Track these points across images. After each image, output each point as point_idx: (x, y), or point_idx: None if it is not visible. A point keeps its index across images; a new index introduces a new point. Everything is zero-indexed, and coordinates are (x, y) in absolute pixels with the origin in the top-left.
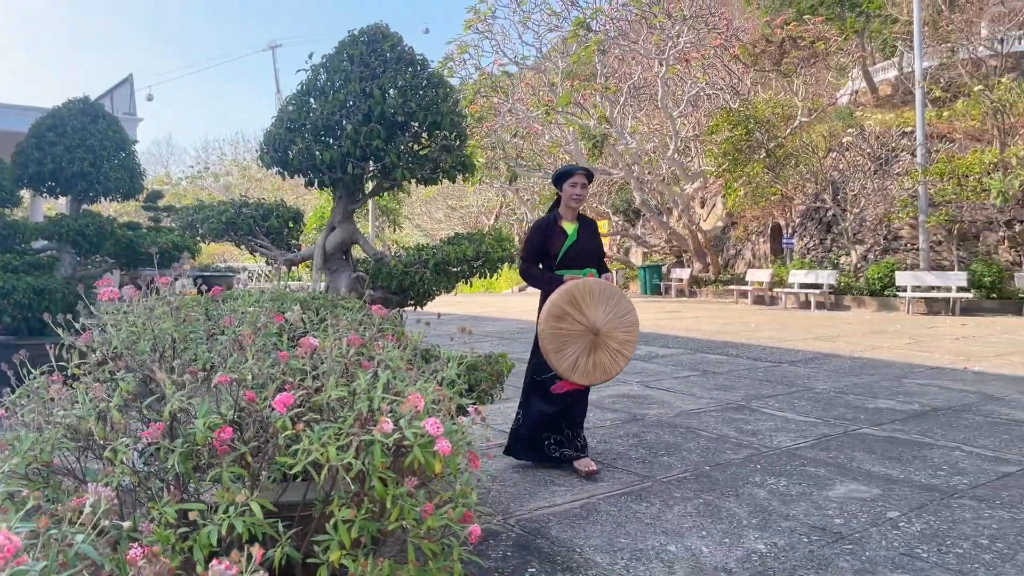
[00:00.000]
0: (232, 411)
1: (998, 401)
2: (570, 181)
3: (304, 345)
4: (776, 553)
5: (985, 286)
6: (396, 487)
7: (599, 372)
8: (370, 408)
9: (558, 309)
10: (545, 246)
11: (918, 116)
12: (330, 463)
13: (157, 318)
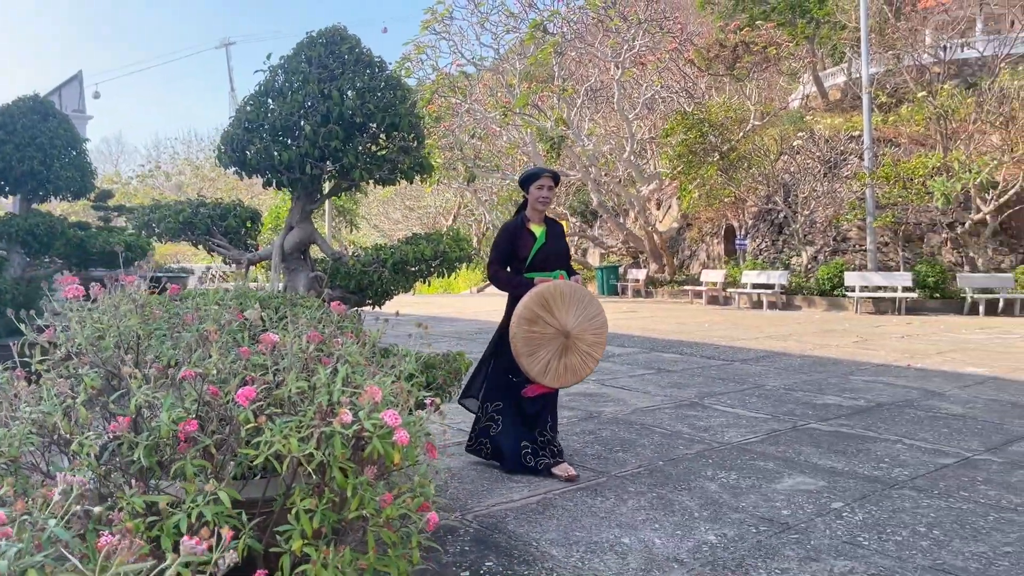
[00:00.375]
0: (196, 405)
1: (938, 396)
2: (536, 183)
3: (265, 341)
4: (726, 544)
5: (929, 286)
6: (356, 477)
7: (570, 374)
8: (330, 401)
9: (530, 312)
10: (514, 249)
11: (865, 121)
12: (292, 454)
13: (122, 315)
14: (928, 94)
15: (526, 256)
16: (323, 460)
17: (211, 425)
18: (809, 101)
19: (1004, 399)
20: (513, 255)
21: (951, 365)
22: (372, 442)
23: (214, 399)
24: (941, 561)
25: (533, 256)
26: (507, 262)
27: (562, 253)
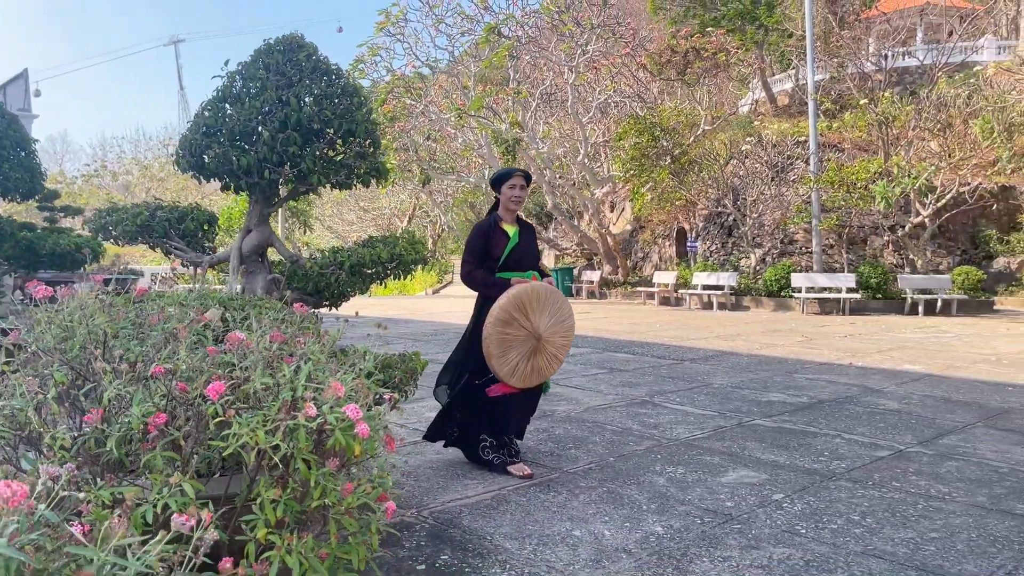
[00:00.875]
0: (164, 400)
1: (877, 393)
2: (508, 183)
3: (231, 339)
4: (672, 534)
5: (872, 287)
6: (319, 469)
7: (535, 375)
8: (293, 396)
9: (506, 315)
10: (487, 249)
11: (811, 127)
12: (259, 446)
13: (90, 314)
14: (870, 101)
15: (499, 256)
16: (288, 452)
17: (179, 420)
18: (758, 106)
19: (937, 395)
20: (486, 255)
21: (890, 363)
22: (335, 434)
23: (182, 394)
24: (873, 547)
25: (507, 256)
26: (482, 262)
27: (534, 254)
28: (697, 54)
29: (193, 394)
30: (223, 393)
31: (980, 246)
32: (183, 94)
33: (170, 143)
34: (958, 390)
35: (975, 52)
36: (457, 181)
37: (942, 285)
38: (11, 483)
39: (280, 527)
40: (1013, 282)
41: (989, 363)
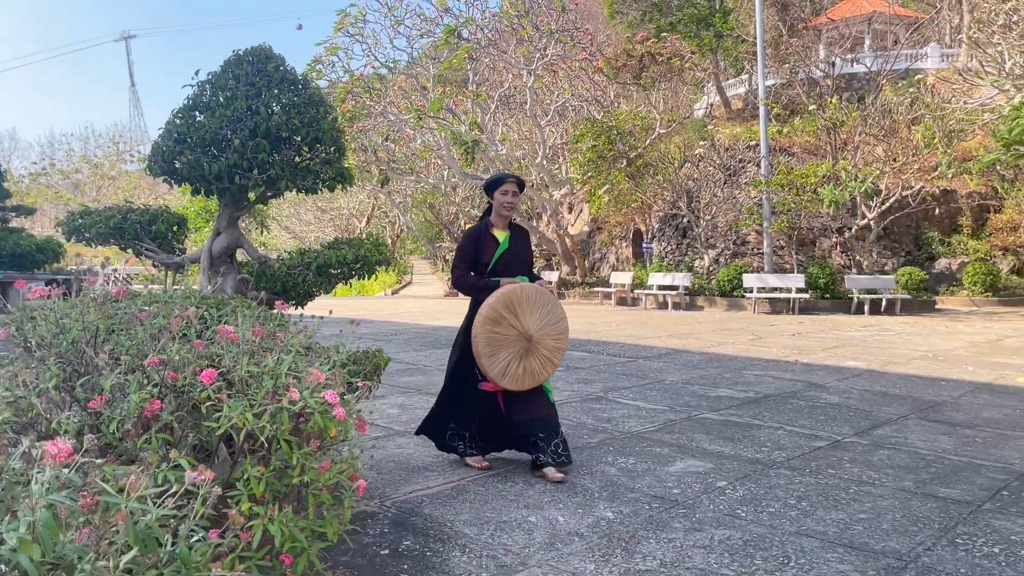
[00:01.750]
0: (158, 388)
1: (819, 388)
2: (501, 189)
3: (221, 332)
4: (622, 519)
5: (820, 287)
6: (299, 449)
7: (528, 378)
8: (275, 384)
9: (495, 313)
10: (477, 254)
11: (762, 131)
12: (248, 426)
13: (84, 311)
14: (818, 107)
15: (488, 261)
16: (271, 433)
17: (170, 406)
18: (713, 110)
19: (876, 389)
20: (476, 260)
21: (834, 360)
22: (314, 417)
23: (173, 383)
24: (806, 527)
25: (496, 261)
26: (472, 266)
27: (525, 259)
28: (652, 58)
29: (183, 382)
30: (215, 379)
31: (923, 248)
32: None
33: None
34: (895, 385)
35: (920, 60)
36: (416, 182)
37: (887, 285)
38: (57, 441)
39: (260, 503)
40: (954, 282)
41: (926, 359)
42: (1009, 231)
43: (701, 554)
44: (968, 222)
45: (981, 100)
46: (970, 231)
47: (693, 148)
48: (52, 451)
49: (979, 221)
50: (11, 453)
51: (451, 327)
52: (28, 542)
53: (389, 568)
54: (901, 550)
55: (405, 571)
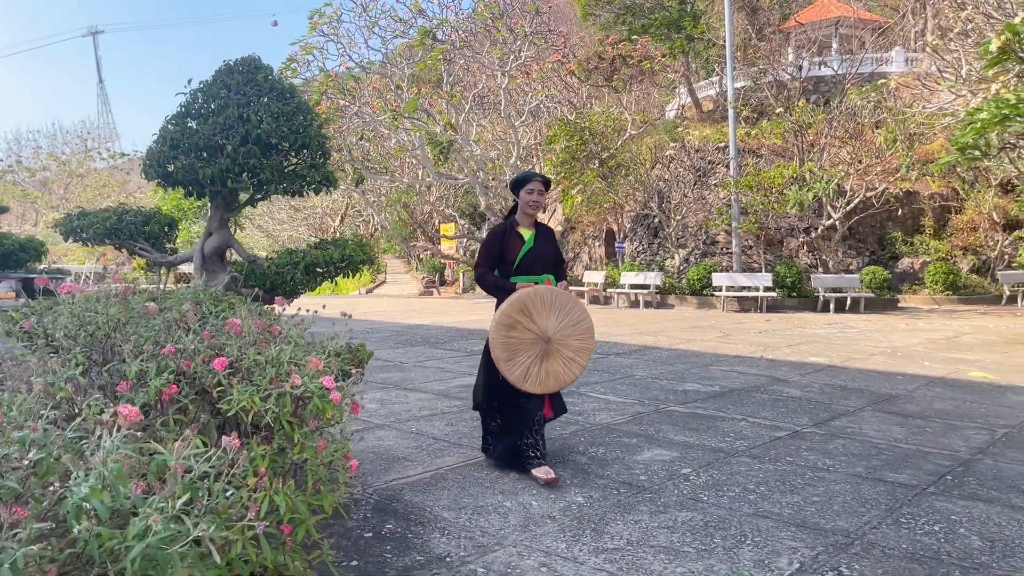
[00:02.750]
0: (173, 375)
1: (782, 383)
2: (527, 188)
3: (230, 325)
4: (591, 503)
5: (787, 286)
6: (300, 429)
7: (552, 380)
8: (278, 372)
9: (508, 318)
10: (502, 252)
11: (731, 133)
12: (255, 408)
13: (106, 305)
14: (785, 110)
15: (513, 259)
16: (275, 415)
17: (184, 390)
18: (684, 111)
19: (836, 383)
20: (501, 258)
21: (797, 356)
22: (312, 400)
23: (187, 369)
24: (763, 510)
25: (520, 259)
26: (495, 265)
27: (550, 258)
28: (623, 61)
29: (195, 369)
30: (226, 366)
31: (887, 247)
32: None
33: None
34: (854, 379)
35: (885, 64)
36: (391, 181)
37: (851, 284)
38: (126, 406)
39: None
40: (916, 281)
41: (885, 355)
42: (969, 231)
43: (665, 534)
44: (930, 223)
45: (940, 105)
46: (932, 231)
47: (664, 149)
48: (124, 412)
49: (941, 222)
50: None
51: (426, 325)
52: (98, 490)
53: (373, 549)
54: (849, 528)
55: (388, 552)
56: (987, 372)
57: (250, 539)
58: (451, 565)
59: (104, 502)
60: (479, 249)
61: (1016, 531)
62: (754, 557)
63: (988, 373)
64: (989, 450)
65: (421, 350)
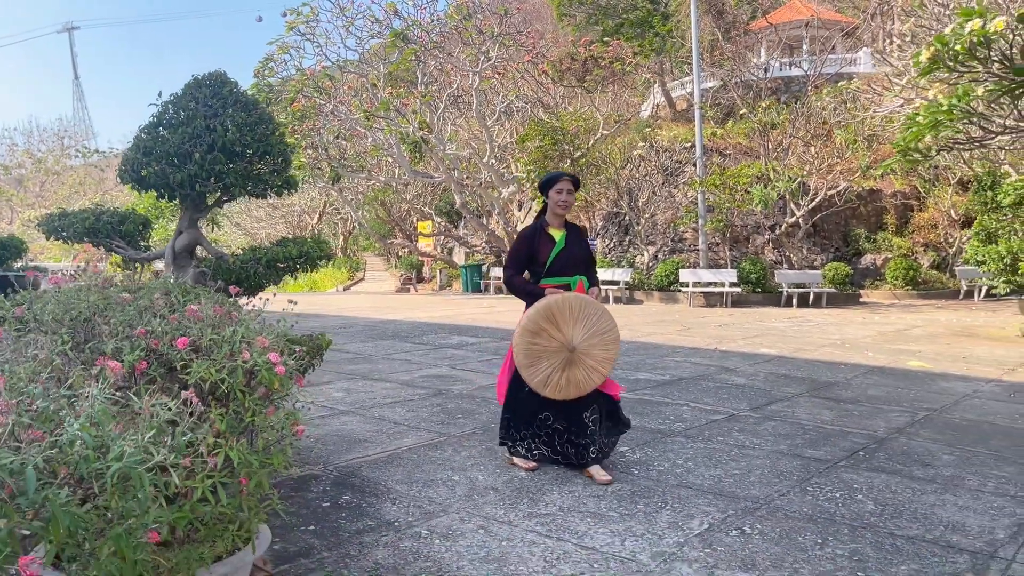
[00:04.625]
0: (144, 352)
1: (730, 372)
2: (555, 188)
3: (189, 311)
4: (533, 478)
5: (752, 281)
6: (251, 396)
7: (572, 388)
8: (231, 349)
9: (534, 325)
10: (532, 254)
11: (697, 133)
12: (211, 379)
13: (87, 294)
14: (750, 111)
15: (545, 260)
16: (230, 384)
17: (153, 365)
18: (659, 110)
19: (780, 372)
20: (532, 259)
21: (750, 347)
22: (261, 372)
23: (155, 348)
24: (686, 481)
25: (552, 260)
26: (524, 267)
27: (582, 258)
28: (595, 62)
29: (163, 348)
30: (187, 345)
31: (851, 244)
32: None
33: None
34: (799, 368)
35: (853, 64)
36: (367, 179)
37: (814, 280)
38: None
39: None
40: (878, 277)
41: (834, 346)
42: (929, 228)
43: (594, 501)
44: (893, 220)
45: (891, 109)
46: (894, 228)
47: (635, 148)
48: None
49: (903, 219)
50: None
51: (398, 320)
52: (87, 426)
53: (330, 516)
54: (760, 496)
55: (343, 518)
56: (925, 361)
57: (209, 488)
58: (399, 529)
59: (91, 435)
60: (508, 252)
61: (908, 497)
62: (670, 519)
63: (926, 362)
64: (906, 430)
65: (390, 344)
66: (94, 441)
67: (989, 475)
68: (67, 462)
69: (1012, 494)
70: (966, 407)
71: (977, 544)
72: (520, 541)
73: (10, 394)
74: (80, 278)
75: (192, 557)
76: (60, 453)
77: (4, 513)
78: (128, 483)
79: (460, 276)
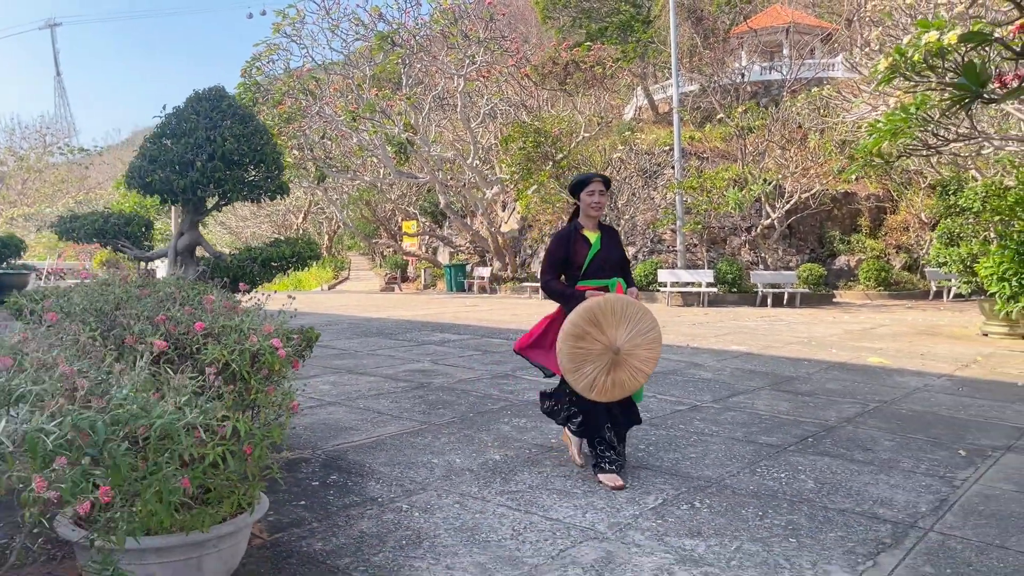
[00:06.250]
0: (163, 336)
1: (698, 367)
2: (587, 190)
3: (206, 301)
4: (506, 460)
5: (728, 282)
6: (255, 376)
7: (617, 389)
8: (240, 334)
9: (578, 329)
10: (569, 257)
11: (676, 136)
12: (222, 360)
13: (112, 288)
14: (727, 115)
15: (582, 263)
16: (238, 366)
17: (171, 347)
18: (641, 112)
19: (746, 368)
20: (568, 262)
21: (720, 344)
22: (265, 354)
23: (174, 333)
24: (646, 463)
25: (589, 263)
26: (561, 271)
27: (618, 260)
28: (576, 66)
29: (180, 332)
30: (202, 330)
31: (826, 245)
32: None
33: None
34: (764, 364)
35: (831, 69)
36: (353, 179)
37: (788, 280)
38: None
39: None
40: (852, 277)
41: (801, 344)
42: (901, 231)
43: (561, 480)
44: (867, 222)
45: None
46: (868, 230)
47: (615, 151)
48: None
49: (876, 221)
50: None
51: (382, 318)
52: (134, 393)
53: (319, 493)
54: (712, 476)
55: (331, 495)
56: (885, 358)
57: (219, 454)
58: (382, 504)
59: (137, 400)
60: (544, 257)
61: (846, 477)
62: (628, 496)
63: (885, 359)
64: (855, 419)
65: (375, 340)
66: (140, 403)
67: (923, 458)
68: (123, 420)
69: (941, 475)
70: (915, 399)
71: (900, 516)
72: (492, 514)
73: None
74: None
75: (205, 515)
76: (119, 413)
77: (77, 458)
78: (163, 442)
79: (444, 275)
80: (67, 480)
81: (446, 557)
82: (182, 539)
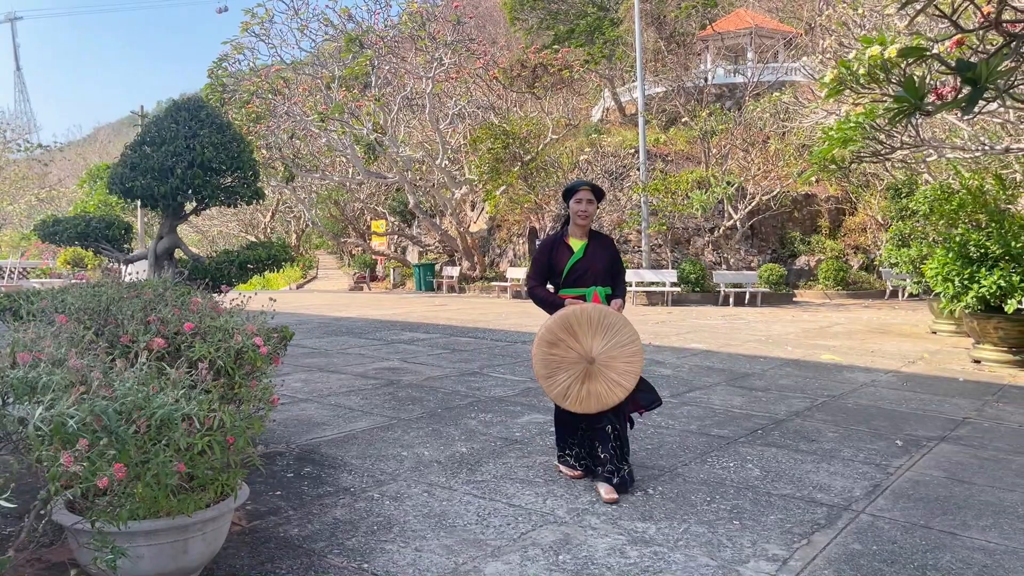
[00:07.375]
0: (157, 334)
1: (659, 364)
2: (575, 198)
3: (193, 303)
4: (473, 452)
5: (691, 281)
6: (239, 372)
7: (593, 401)
8: (224, 334)
9: (551, 335)
10: (551, 263)
11: (640, 139)
12: (209, 356)
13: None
14: (691, 118)
15: (561, 270)
16: (223, 362)
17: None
18: (609, 114)
19: (704, 365)
20: (551, 270)
21: (681, 342)
22: (248, 352)
23: (164, 332)
24: None
25: (568, 270)
26: (546, 278)
27: (603, 269)
28: (544, 70)
29: (170, 332)
30: (192, 329)
31: (787, 246)
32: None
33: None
34: (722, 361)
35: (794, 73)
36: (321, 179)
37: (750, 280)
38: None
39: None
40: (811, 277)
41: (759, 342)
42: (859, 232)
43: (524, 471)
44: (826, 223)
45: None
46: (828, 231)
47: (582, 153)
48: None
49: (836, 223)
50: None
51: (352, 318)
52: (137, 386)
53: (294, 484)
54: (665, 466)
55: (306, 486)
56: (837, 355)
57: (206, 443)
58: (354, 493)
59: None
60: (531, 261)
61: (790, 466)
62: (586, 484)
63: (837, 356)
64: (803, 413)
65: (345, 339)
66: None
67: (863, 448)
68: (128, 409)
69: (877, 463)
70: (861, 394)
71: (836, 500)
72: (458, 502)
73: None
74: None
75: (190, 501)
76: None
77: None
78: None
79: (413, 275)
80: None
81: (415, 540)
82: (169, 523)
